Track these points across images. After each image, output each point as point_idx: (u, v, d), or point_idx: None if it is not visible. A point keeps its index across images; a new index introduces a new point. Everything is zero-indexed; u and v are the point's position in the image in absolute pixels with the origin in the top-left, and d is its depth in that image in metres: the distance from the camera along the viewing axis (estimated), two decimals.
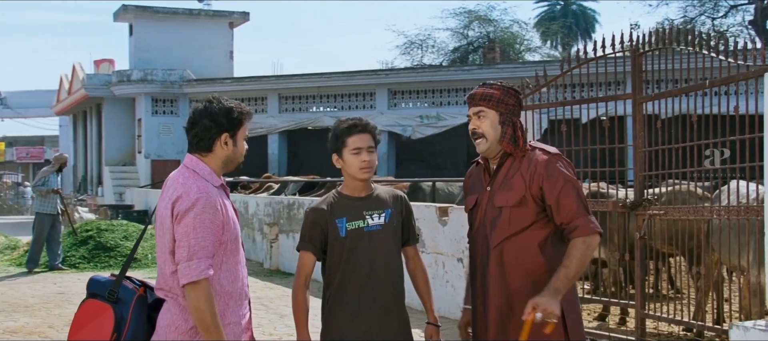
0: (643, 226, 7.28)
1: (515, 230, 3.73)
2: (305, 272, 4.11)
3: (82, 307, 3.75)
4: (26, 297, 11.74)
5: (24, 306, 11.04)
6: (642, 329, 7.48)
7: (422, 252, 10.59)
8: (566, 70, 8.15)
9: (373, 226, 4.09)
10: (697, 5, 34.28)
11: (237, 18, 33.30)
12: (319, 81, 28.71)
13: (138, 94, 30.61)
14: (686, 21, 34.00)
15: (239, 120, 3.68)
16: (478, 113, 3.82)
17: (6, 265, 15.72)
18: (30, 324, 9.73)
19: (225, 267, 3.59)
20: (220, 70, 32.29)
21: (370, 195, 4.16)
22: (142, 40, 31.82)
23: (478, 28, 43.91)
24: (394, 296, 4.13)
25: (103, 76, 32.33)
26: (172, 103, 30.86)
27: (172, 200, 3.51)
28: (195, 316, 3.45)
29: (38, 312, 10.46)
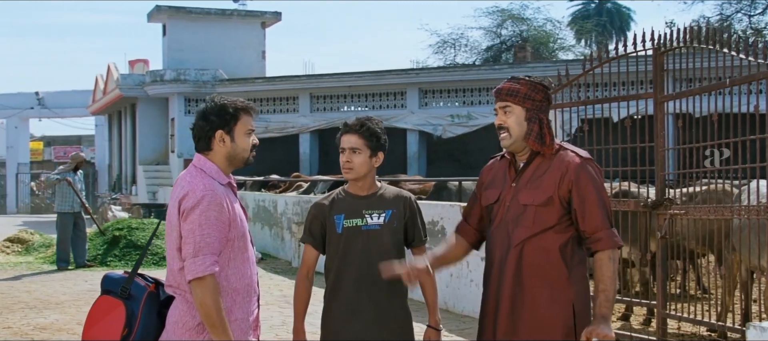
0: (665, 226, 7.26)
1: (539, 229, 3.71)
2: (308, 264, 4.23)
3: (96, 303, 3.85)
4: (57, 295, 11.94)
5: (55, 303, 11.23)
6: (663, 329, 7.46)
7: None
8: (588, 69, 8.15)
9: (371, 225, 4.14)
10: (734, 2, 33.82)
11: (269, 18, 33.47)
12: (349, 80, 28.78)
13: (171, 93, 30.89)
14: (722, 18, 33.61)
15: (234, 116, 3.73)
16: (504, 108, 3.79)
17: (40, 263, 15.99)
18: (59, 320, 9.90)
19: (232, 264, 3.64)
20: (253, 70, 32.48)
21: (373, 194, 4.21)
22: (175, 40, 32.10)
23: (511, 27, 43.75)
24: (391, 296, 4.15)
25: (137, 76, 32.67)
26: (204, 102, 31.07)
27: (178, 198, 3.59)
28: (200, 312, 3.51)
29: (68, 309, 10.63)
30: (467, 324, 9.55)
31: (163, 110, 32.03)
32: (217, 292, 3.51)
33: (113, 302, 3.74)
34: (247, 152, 3.81)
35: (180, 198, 3.59)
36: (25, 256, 17.23)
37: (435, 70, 30.10)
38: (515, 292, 3.73)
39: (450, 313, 10.38)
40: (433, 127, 27.51)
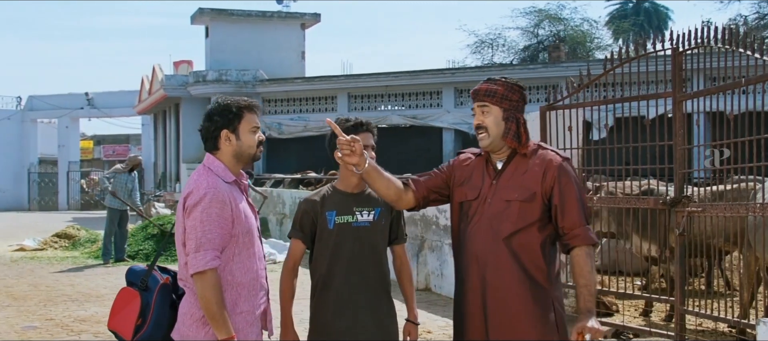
0: (682, 223, 7.25)
1: (523, 225, 3.76)
2: (294, 258, 4.26)
3: (119, 294, 4.00)
4: (99, 288, 12.19)
5: (95, 296, 11.47)
6: (682, 325, 7.45)
7: None
8: (608, 69, 8.16)
9: (361, 222, 4.20)
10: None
11: (308, 19, 33.66)
12: (386, 80, 28.87)
13: (213, 93, 31.15)
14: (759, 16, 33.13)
15: (238, 114, 3.81)
16: (482, 108, 3.86)
17: (85, 258, 16.30)
18: (99, 313, 10.12)
19: (237, 259, 3.73)
20: (292, 70, 32.68)
21: (362, 192, 4.28)
22: (217, 42, 32.42)
23: (549, 27, 43.58)
24: (380, 290, 4.23)
25: (181, 76, 33.04)
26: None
27: (184, 196, 3.70)
28: (202, 305, 3.61)
29: (107, 302, 10.83)
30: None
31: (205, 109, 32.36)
32: (217, 286, 3.60)
33: (132, 293, 3.89)
34: (254, 148, 3.87)
35: (185, 196, 3.70)
36: (72, 251, 17.57)
37: (470, 70, 30.06)
38: (500, 286, 3.77)
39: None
40: (468, 126, 27.45)
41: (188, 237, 3.65)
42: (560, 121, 8.69)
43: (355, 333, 4.13)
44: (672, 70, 7.47)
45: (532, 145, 3.88)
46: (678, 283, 7.42)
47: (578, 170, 8.87)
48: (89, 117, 47.75)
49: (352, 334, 4.13)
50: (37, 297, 11.36)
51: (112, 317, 3.99)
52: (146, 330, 3.78)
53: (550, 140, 8.77)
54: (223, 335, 3.61)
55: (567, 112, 8.62)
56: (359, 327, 4.14)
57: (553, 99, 8.86)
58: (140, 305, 3.83)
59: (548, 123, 8.82)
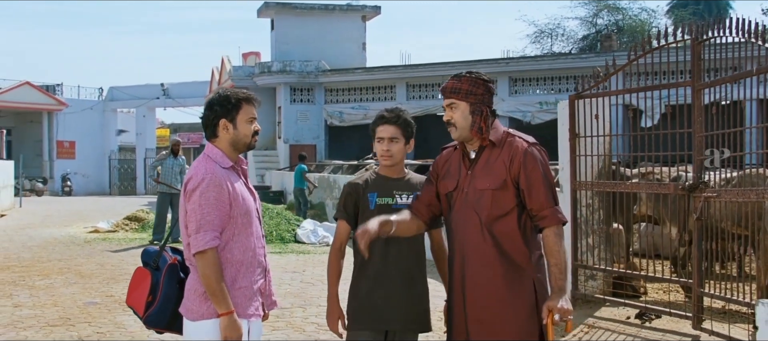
0: (699, 208, 7.25)
1: (498, 213, 3.83)
2: (340, 238, 4.41)
3: (134, 274, 4.21)
4: None
5: None
6: (699, 306, 7.45)
7: None
8: (632, 58, 8.17)
9: (400, 204, 4.31)
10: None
11: (369, 12, 33.87)
12: (443, 70, 28.89)
13: (278, 83, 31.65)
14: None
15: (236, 105, 3.94)
16: (450, 105, 3.95)
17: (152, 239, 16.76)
18: None
19: (236, 239, 3.88)
20: (354, 61, 32.95)
21: (402, 177, 4.42)
22: (282, 34, 32.86)
23: (607, 17, 43.00)
24: (415, 267, 4.36)
25: (248, 68, 33.59)
26: (308, 91, 31.79)
27: (185, 182, 3.88)
28: (203, 282, 3.78)
29: None
30: None
31: (271, 99, 32.87)
32: (216, 265, 3.77)
33: (145, 273, 4.10)
34: (249, 137, 4.02)
35: (186, 182, 3.88)
36: (140, 233, 18.10)
37: (523, 60, 29.92)
38: (478, 271, 3.86)
39: None
40: (522, 114, 27.44)
41: (189, 219, 3.82)
42: (588, 109, 8.73)
43: (389, 305, 4.28)
44: (692, 59, 7.45)
45: (502, 134, 3.93)
46: (695, 266, 7.42)
47: (606, 156, 8.90)
48: (165, 106, 48.77)
49: (387, 305, 4.27)
50: (102, 275, 11.79)
51: (130, 294, 4.20)
52: (156, 307, 3.99)
53: (579, 127, 8.81)
54: (222, 309, 3.78)
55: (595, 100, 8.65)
56: (394, 300, 4.28)
57: (582, 88, 8.89)
58: (151, 283, 4.04)
59: (577, 111, 8.85)
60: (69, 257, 13.90)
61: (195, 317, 3.87)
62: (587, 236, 8.84)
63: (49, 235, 18.03)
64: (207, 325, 3.84)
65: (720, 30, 7.06)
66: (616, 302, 8.57)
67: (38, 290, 10.42)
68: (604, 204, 8.88)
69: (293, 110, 31.48)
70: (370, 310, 4.30)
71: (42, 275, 11.65)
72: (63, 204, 31.24)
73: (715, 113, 7.10)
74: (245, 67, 33.99)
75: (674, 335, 7.46)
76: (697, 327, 7.40)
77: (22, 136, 46.11)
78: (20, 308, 9.22)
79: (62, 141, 45.98)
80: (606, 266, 8.78)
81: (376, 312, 4.30)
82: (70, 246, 15.65)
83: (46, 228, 20.02)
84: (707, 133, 7.37)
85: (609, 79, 8.48)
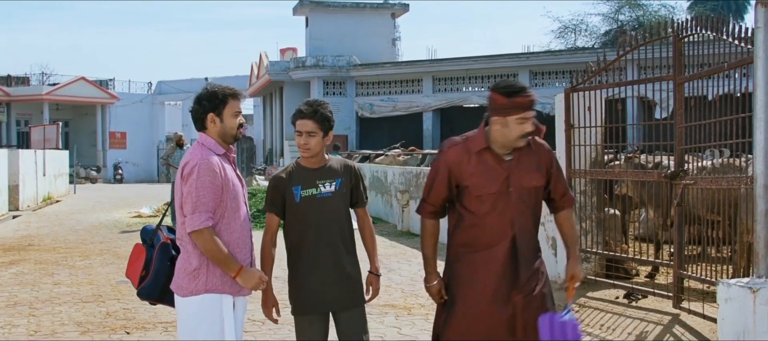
0: (678, 195, 7.33)
1: (538, 204, 4.07)
2: (271, 230, 4.42)
3: (133, 249, 4.39)
4: None
5: None
6: (679, 286, 7.54)
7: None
8: (621, 54, 8.26)
9: (324, 193, 4.35)
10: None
11: (398, 9, 33.98)
12: (467, 64, 29.01)
13: (312, 78, 31.93)
14: None
15: (223, 100, 4.05)
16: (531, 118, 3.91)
17: None
18: None
19: (225, 220, 4.02)
20: (384, 56, 33.12)
21: (323, 166, 4.39)
22: (316, 31, 33.11)
23: (628, 13, 42.69)
24: (344, 249, 4.40)
25: (283, 62, 33.90)
26: (340, 85, 32.03)
27: (181, 166, 4.06)
28: (209, 256, 3.94)
29: None
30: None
31: (305, 92, 33.18)
32: (213, 238, 3.92)
33: (141, 249, 4.29)
34: (234, 130, 4.12)
35: (182, 166, 4.04)
36: None
37: (543, 54, 29.87)
38: (528, 255, 4.01)
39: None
40: (542, 106, 27.34)
41: (185, 201, 3.96)
42: (582, 101, 8.84)
43: (326, 288, 4.35)
44: (673, 55, 7.52)
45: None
46: (676, 249, 7.51)
47: (598, 146, 8.99)
48: None
49: (324, 289, 4.34)
50: None
51: (128, 268, 4.37)
52: (148, 281, 4.18)
53: (574, 118, 8.92)
54: (233, 271, 3.98)
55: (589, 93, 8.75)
56: (329, 283, 4.35)
57: (576, 82, 8.99)
58: (145, 259, 4.23)
59: (571, 103, 8.96)
60: (110, 239, 14.30)
61: (184, 293, 4.03)
62: (582, 221, 8.94)
63: (95, 219, 18.49)
64: (195, 301, 4.00)
65: (699, 28, 7.13)
66: (606, 283, 8.68)
67: (77, 269, 10.78)
68: (597, 190, 8.98)
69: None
70: (310, 295, 4.36)
71: (83, 256, 12.02)
72: (113, 191, 31.89)
73: (694, 106, 7.17)
74: (281, 61, 34.32)
75: (656, 313, 7.56)
76: (676, 306, 7.49)
77: (78, 127, 47.01)
78: (59, 285, 9.57)
79: (114, 132, 46.81)
80: (599, 249, 8.88)
81: (315, 297, 4.35)
82: (113, 230, 16.07)
83: (94, 213, 20.51)
84: (687, 124, 7.44)
85: (601, 73, 8.57)
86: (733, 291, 5.38)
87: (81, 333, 7.19)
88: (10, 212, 19.50)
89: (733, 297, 5.38)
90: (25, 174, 21.74)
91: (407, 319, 7.63)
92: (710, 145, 7.20)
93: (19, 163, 20.88)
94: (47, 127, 32.94)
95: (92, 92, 45.69)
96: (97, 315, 7.88)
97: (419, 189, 15.10)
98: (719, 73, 6.82)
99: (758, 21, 5.36)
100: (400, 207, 15.80)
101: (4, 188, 19.33)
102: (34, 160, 23.29)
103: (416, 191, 15.30)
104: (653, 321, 7.34)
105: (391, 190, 17.18)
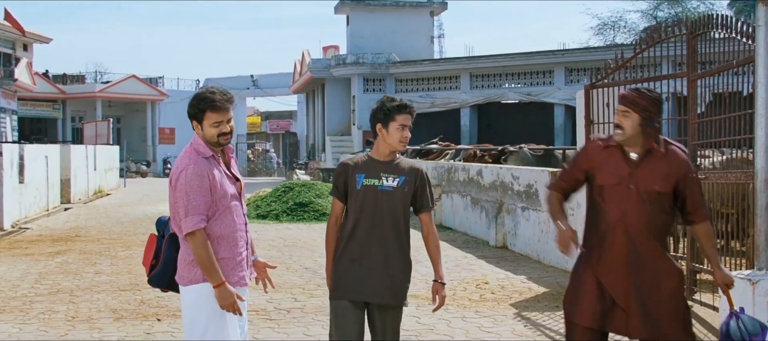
0: None
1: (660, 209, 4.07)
2: (335, 213, 4.49)
3: (148, 239, 4.52)
4: None
5: None
6: (693, 279, 7.56)
7: (538, 210, 10.93)
8: (638, 51, 8.27)
9: (386, 186, 4.35)
10: None
11: (437, 7, 34.02)
12: (503, 61, 28.96)
13: (352, 75, 32.15)
14: None
15: (202, 110, 4.12)
16: (624, 112, 4.04)
17: None
18: None
19: (217, 217, 4.14)
20: (422, 54, 33.19)
21: (391, 161, 4.42)
22: (356, 29, 33.32)
23: (668, 9, 42.12)
24: (396, 246, 4.38)
25: (325, 60, 34.18)
26: (380, 82, 32.20)
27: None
28: (195, 258, 4.08)
29: None
30: (550, 273, 9.90)
31: (346, 89, 33.43)
32: (205, 243, 4.05)
33: (154, 239, 4.47)
34: (214, 139, 4.17)
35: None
36: None
37: (578, 51, 29.69)
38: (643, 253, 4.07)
39: (539, 264, 10.75)
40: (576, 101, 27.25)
41: (178, 205, 4.09)
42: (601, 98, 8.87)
43: (368, 280, 4.34)
44: (687, 52, 7.52)
45: (662, 143, 4.09)
46: (689, 243, 7.52)
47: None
48: (254, 96, 49.94)
49: (367, 280, 4.34)
50: None
51: (144, 256, 4.55)
52: (157, 270, 4.34)
53: (593, 114, 8.96)
54: (214, 282, 4.07)
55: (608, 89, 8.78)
56: (372, 275, 4.34)
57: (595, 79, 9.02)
58: (155, 249, 4.41)
59: (591, 100, 9.00)
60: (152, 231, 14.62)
61: (185, 282, 4.20)
62: None
63: (141, 212, 18.92)
64: (194, 289, 4.15)
65: (711, 26, 7.13)
66: None
67: (118, 259, 11.11)
68: None
69: (366, 99, 31.89)
70: (351, 282, 4.38)
71: (125, 247, 12.36)
72: (161, 185, 32.39)
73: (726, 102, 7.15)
74: (322, 59, 34.61)
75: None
76: (689, 298, 7.50)
77: (129, 123, 47.92)
78: (100, 275, 9.88)
79: (164, 128, 47.60)
80: None
81: (356, 284, 4.35)
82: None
83: (141, 206, 20.97)
84: (700, 120, 7.44)
85: (619, 70, 8.59)
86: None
87: (115, 320, 7.46)
88: (62, 205, 20.03)
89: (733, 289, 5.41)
90: (77, 168, 22.30)
91: (427, 309, 7.75)
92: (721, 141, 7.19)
93: (70, 158, 21.43)
94: (99, 123, 33.71)
95: (142, 89, 46.55)
96: (132, 303, 8.15)
97: (451, 184, 15.21)
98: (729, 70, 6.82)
99: (759, 19, 5.39)
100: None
101: (57, 182, 19.86)
102: (85, 155, 23.86)
103: (448, 185, 15.41)
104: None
105: None
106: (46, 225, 15.90)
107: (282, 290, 8.76)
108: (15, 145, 17.78)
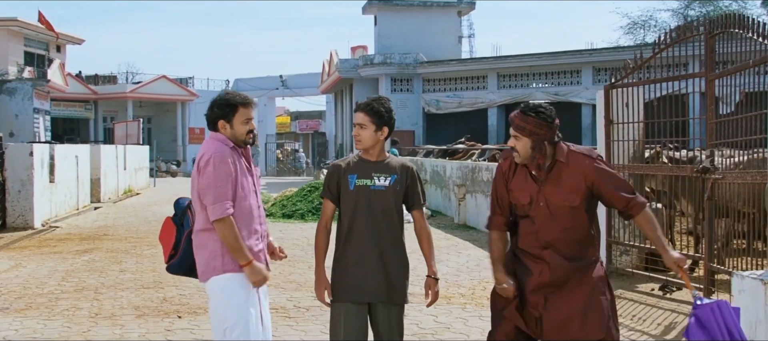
0: (708, 189, 7.33)
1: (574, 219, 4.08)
2: (326, 216, 4.53)
3: (164, 223, 4.63)
4: None
5: None
6: (710, 279, 7.54)
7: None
8: (656, 51, 8.26)
9: (378, 186, 4.41)
10: None
11: (464, 7, 33.98)
12: (531, 61, 28.87)
13: (380, 74, 32.23)
14: None
15: (233, 108, 4.28)
16: (515, 136, 4.06)
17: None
18: None
19: (237, 205, 4.25)
20: (450, 53, 33.16)
21: (381, 161, 4.47)
22: (384, 29, 33.40)
23: (699, 8, 41.62)
24: (391, 245, 4.44)
25: (353, 60, 34.30)
26: (407, 81, 32.24)
27: (197, 159, 4.33)
28: (225, 243, 4.19)
29: None
30: None
31: (374, 89, 33.47)
32: (233, 227, 4.18)
33: (172, 227, 4.54)
34: (244, 136, 4.34)
35: (198, 159, 4.30)
36: None
37: (605, 51, 29.48)
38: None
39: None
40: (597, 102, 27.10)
41: (206, 192, 4.19)
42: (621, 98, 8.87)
43: (368, 280, 4.40)
44: (705, 52, 7.50)
45: (567, 153, 4.04)
46: (706, 242, 7.50)
47: (640, 141, 9.00)
48: (283, 96, 50.23)
49: (366, 280, 4.39)
50: None
51: (160, 238, 4.65)
52: (176, 261, 4.47)
53: (613, 115, 8.96)
54: (243, 261, 4.21)
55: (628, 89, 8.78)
56: (371, 275, 4.40)
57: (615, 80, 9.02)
58: (175, 240, 4.52)
59: (611, 100, 9.00)
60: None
61: (206, 277, 4.32)
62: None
63: (169, 211, 18.79)
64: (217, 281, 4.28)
65: (729, 26, 7.11)
66: (642, 276, 8.70)
67: (143, 258, 11.29)
68: (639, 185, 8.98)
69: (394, 99, 31.91)
70: (351, 283, 4.39)
71: (150, 245, 12.55)
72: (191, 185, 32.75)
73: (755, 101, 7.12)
74: (350, 59, 34.73)
75: (688, 305, 7.57)
76: (707, 298, 7.48)
77: (159, 123, 48.46)
78: (124, 272, 10.07)
79: (194, 128, 48.07)
80: (637, 242, 8.90)
81: (355, 286, 4.38)
82: None
83: (168, 205, 21.05)
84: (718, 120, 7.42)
85: (638, 69, 8.58)
86: (746, 282, 5.41)
87: (137, 316, 7.61)
88: (92, 204, 20.34)
89: (745, 289, 5.41)
90: (107, 168, 22.63)
91: (445, 308, 7.80)
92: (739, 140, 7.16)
93: (100, 157, 21.76)
94: (129, 123, 34.13)
95: (173, 90, 47.06)
96: (154, 300, 8.31)
97: (475, 184, 15.23)
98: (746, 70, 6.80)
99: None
100: (457, 201, 15.95)
101: (87, 181, 20.17)
102: (115, 155, 24.19)
103: (472, 185, 15.43)
104: (683, 313, 7.36)
105: (449, 184, 17.34)
106: (76, 224, 16.18)
107: (302, 288, 8.87)
108: (45, 145, 18.09)
